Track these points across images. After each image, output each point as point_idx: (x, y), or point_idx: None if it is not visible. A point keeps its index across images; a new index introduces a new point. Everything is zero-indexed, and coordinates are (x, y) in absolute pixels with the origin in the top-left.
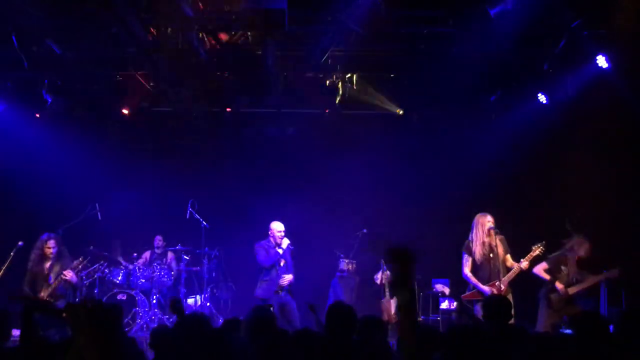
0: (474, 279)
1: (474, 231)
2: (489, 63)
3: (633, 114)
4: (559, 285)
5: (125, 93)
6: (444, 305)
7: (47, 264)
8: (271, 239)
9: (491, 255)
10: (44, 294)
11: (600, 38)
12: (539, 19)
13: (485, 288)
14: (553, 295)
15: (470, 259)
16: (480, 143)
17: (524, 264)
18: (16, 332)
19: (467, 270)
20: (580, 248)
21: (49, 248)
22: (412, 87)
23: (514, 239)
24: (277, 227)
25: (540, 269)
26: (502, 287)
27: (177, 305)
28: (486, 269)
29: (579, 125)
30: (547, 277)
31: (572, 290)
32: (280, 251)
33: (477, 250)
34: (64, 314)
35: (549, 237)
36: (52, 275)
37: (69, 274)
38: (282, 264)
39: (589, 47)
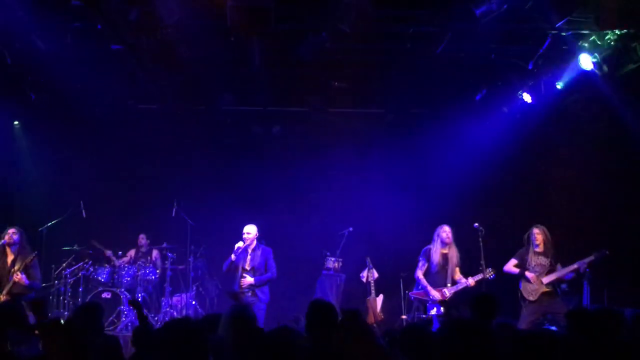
0: (424, 282)
1: (434, 242)
2: (474, 62)
3: (615, 112)
4: (529, 274)
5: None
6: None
7: (10, 259)
8: None
9: (445, 267)
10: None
11: (585, 38)
12: (524, 18)
13: (433, 292)
14: (528, 285)
15: (426, 264)
16: (465, 142)
17: (471, 281)
18: None
19: (420, 273)
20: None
21: (9, 235)
22: (397, 86)
23: (499, 234)
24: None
25: (510, 265)
26: (447, 294)
27: None
28: (440, 276)
29: (563, 124)
30: (517, 270)
31: (546, 280)
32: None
33: (435, 258)
34: (37, 331)
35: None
36: (14, 272)
37: (17, 277)
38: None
39: (573, 47)
